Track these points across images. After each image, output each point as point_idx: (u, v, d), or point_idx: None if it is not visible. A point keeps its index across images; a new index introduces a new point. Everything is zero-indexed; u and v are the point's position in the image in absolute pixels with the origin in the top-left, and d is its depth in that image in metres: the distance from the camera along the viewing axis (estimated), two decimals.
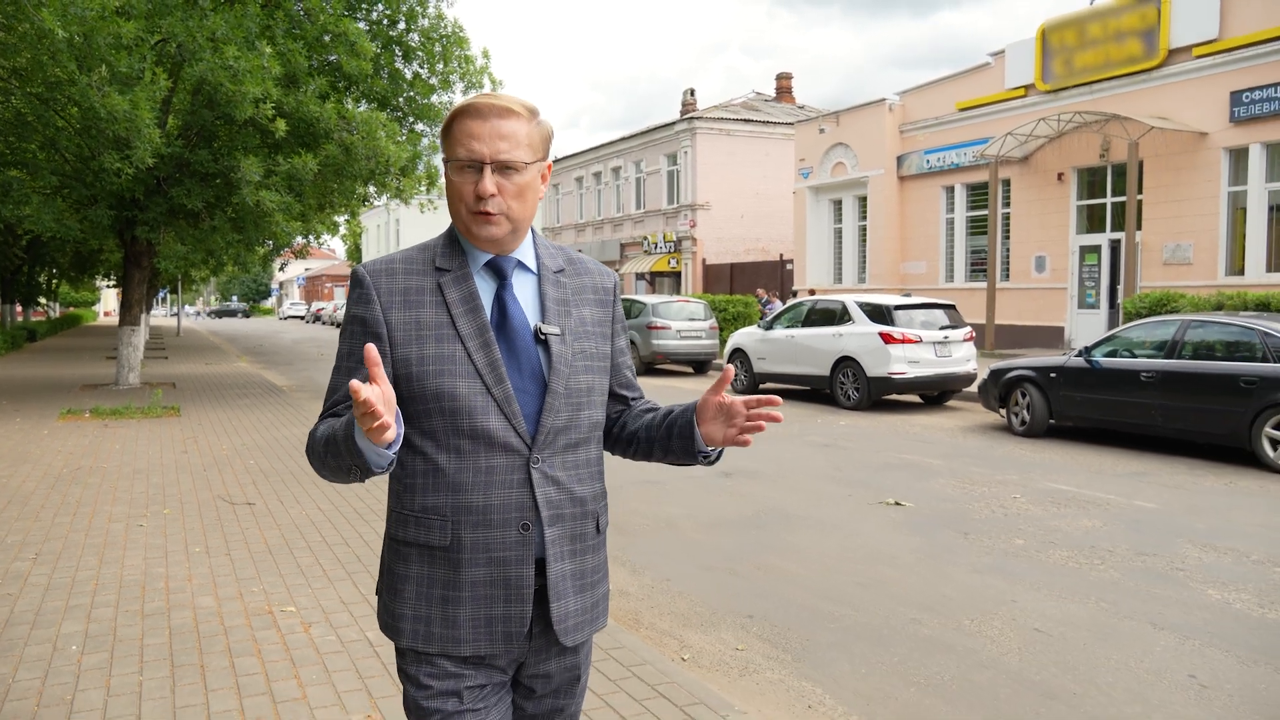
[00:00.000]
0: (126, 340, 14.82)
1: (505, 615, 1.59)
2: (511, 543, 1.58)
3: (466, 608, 1.58)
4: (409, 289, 1.61)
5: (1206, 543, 5.88)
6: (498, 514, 1.57)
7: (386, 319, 1.59)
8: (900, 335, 12.33)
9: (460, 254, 1.65)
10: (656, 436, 1.74)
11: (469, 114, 1.58)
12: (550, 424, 1.60)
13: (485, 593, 1.58)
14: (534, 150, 1.61)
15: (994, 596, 4.89)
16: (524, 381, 1.60)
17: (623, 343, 1.82)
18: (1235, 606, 4.71)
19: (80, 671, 3.58)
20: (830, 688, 3.78)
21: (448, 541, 1.58)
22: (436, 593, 1.59)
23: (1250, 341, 8.53)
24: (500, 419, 1.57)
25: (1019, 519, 6.55)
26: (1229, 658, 4.04)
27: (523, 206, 1.61)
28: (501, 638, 1.59)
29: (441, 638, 1.59)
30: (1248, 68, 16.35)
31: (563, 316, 1.66)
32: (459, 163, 1.58)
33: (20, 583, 4.69)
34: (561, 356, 1.63)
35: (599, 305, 1.74)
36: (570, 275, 1.72)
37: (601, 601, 1.74)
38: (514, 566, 1.58)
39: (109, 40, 10.39)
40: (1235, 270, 16.89)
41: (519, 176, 1.59)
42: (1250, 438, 8.31)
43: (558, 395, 1.61)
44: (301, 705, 3.29)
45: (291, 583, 4.74)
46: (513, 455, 1.58)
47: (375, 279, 1.62)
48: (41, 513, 6.21)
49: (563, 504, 1.62)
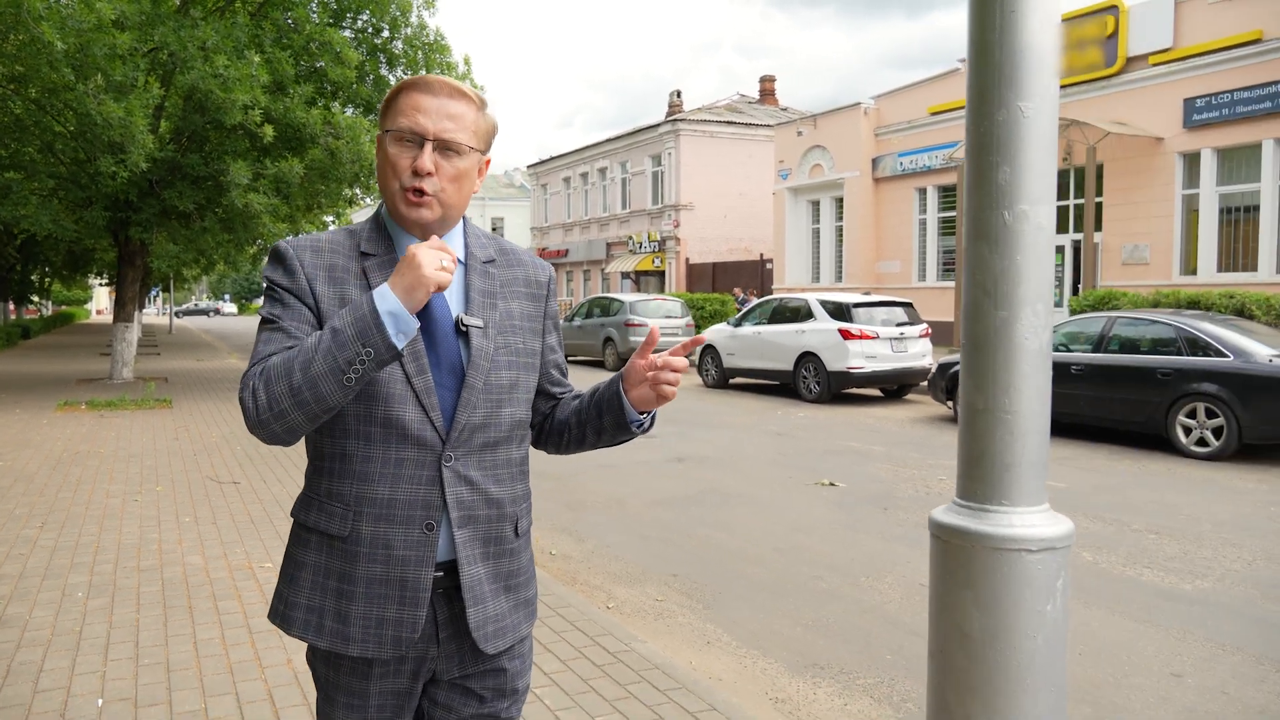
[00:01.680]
0: (120, 336, 15.39)
1: (398, 618, 1.51)
2: (413, 541, 1.51)
3: (359, 604, 1.51)
4: (334, 266, 1.55)
5: (1097, 515, 6.53)
6: (402, 510, 1.50)
7: (313, 289, 1.52)
8: (858, 331, 12.98)
9: (386, 239, 1.58)
10: (587, 419, 1.68)
11: (419, 88, 1.53)
12: (466, 420, 1.53)
13: (380, 591, 1.51)
14: (478, 138, 1.56)
15: (892, 559, 5.53)
16: (442, 375, 1.53)
17: (554, 339, 1.74)
18: (1101, 565, 5.36)
19: (86, 611, 4.20)
20: (729, 628, 4.42)
21: (346, 532, 1.51)
22: (332, 584, 1.53)
23: (1168, 337, 9.21)
24: (417, 410, 1.50)
25: (939, 498, 7.19)
26: (1078, 604, 4.68)
27: (457, 192, 1.55)
28: (390, 642, 1.51)
29: (332, 632, 1.52)
30: (1199, 76, 17.05)
31: (487, 309, 1.59)
32: (399, 133, 1.51)
33: (30, 545, 5.30)
34: (482, 350, 1.56)
35: (530, 299, 1.67)
36: (501, 266, 1.65)
37: (525, 606, 1.66)
38: (413, 567, 1.51)
39: (105, 50, 10.98)
40: (1189, 270, 17.60)
41: (459, 160, 1.53)
42: (1166, 425, 8.98)
43: (475, 390, 1.54)
44: (273, 635, 3.91)
45: (269, 545, 5.36)
46: (424, 450, 1.51)
47: (299, 253, 1.55)
48: (45, 489, 6.83)
49: (475, 505, 1.55)
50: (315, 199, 16.15)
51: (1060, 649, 1.52)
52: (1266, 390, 8.29)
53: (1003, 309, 1.41)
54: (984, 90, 1.43)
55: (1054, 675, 1.48)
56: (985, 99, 1.43)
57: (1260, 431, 8.36)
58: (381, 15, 14.62)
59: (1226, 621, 4.44)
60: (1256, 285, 15.68)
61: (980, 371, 1.52)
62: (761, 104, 37.63)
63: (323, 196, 15.89)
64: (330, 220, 21.86)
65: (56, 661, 3.62)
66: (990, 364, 1.48)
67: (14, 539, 5.44)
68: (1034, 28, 1.38)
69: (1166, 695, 3.64)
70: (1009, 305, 1.40)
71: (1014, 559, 1.45)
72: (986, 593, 1.50)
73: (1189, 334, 9.01)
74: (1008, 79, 1.37)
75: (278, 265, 1.55)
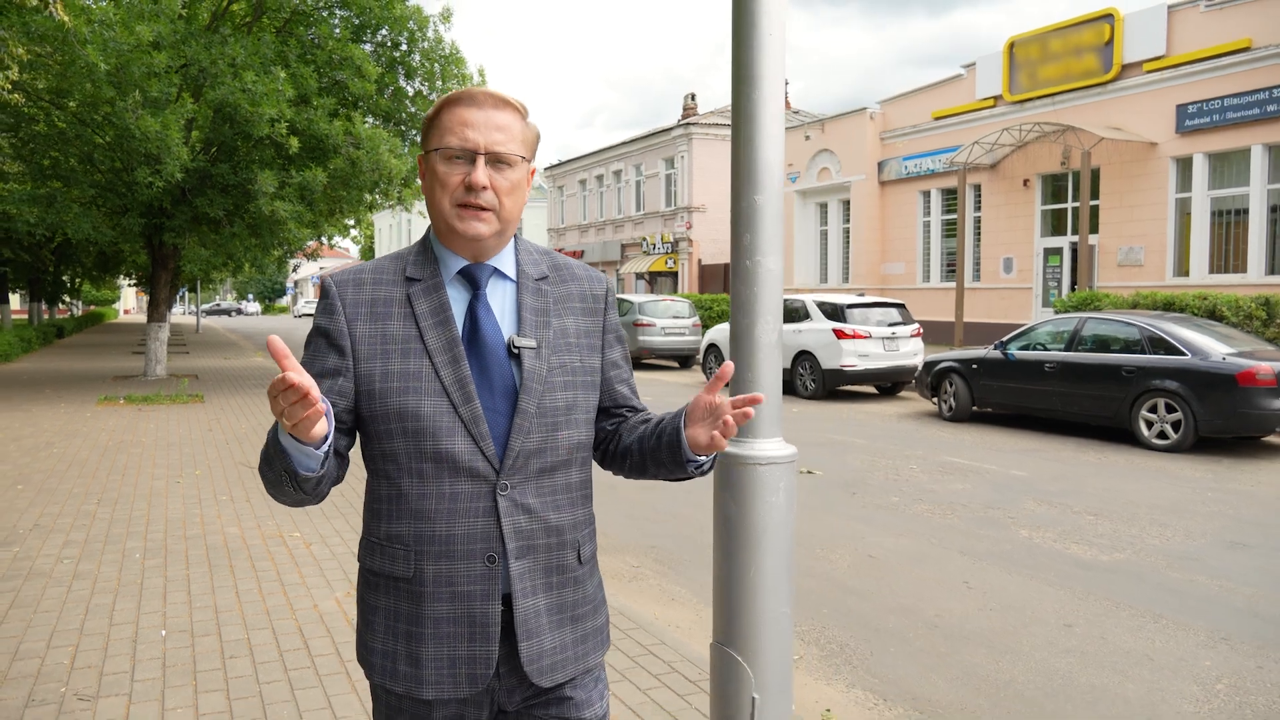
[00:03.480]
0: (154, 335, 16.28)
1: (470, 656, 1.48)
2: (476, 576, 1.48)
3: (429, 646, 1.49)
4: (376, 300, 1.52)
5: (1047, 500, 7.17)
6: (461, 544, 1.47)
7: (351, 331, 1.51)
8: (851, 331, 13.63)
9: (433, 262, 1.55)
10: (648, 448, 1.60)
11: (464, 102, 1.49)
12: (520, 446, 1.49)
13: (449, 630, 1.48)
14: (526, 147, 1.53)
15: (849, 534, 6.20)
16: (495, 400, 1.49)
17: (617, 354, 1.68)
18: (1035, 541, 6.00)
19: (144, 569, 4.95)
20: (691, 588, 5.11)
21: (410, 573, 1.49)
22: (402, 628, 1.51)
23: (1133, 337, 9.80)
24: (467, 441, 1.47)
25: (904, 483, 7.85)
26: (1003, 572, 5.34)
27: (514, 204, 1.52)
28: (466, 680, 1.49)
29: (406, 676, 1.50)
30: (1192, 82, 17.53)
31: (540, 328, 1.54)
32: (449, 151, 1.48)
33: (90, 518, 6.08)
34: (534, 372, 1.51)
35: (586, 314, 1.62)
36: (554, 283, 1.61)
37: (593, 636, 1.61)
38: (479, 602, 1.48)
39: (143, 69, 11.81)
40: (1182, 272, 18.08)
41: (511, 172, 1.50)
42: (1130, 419, 9.58)
43: (528, 415, 1.49)
44: (301, 587, 4.64)
45: (297, 518, 6.11)
46: (478, 481, 1.47)
47: (341, 290, 1.54)
48: (97, 473, 7.62)
49: (535, 534, 1.51)
50: (337, 205, 16.99)
51: (785, 527, 2.30)
52: (1219, 386, 8.87)
53: (747, 318, 2.16)
54: (738, 188, 2.19)
55: (782, 542, 2.28)
56: (739, 192, 2.20)
57: (1213, 425, 8.94)
58: (399, 30, 15.41)
59: (1128, 585, 5.08)
60: (1246, 286, 16.16)
61: (739, 356, 2.28)
62: None
63: (344, 203, 16.71)
64: (350, 224, 22.78)
65: (125, 604, 4.37)
66: (743, 352, 2.24)
67: (76, 513, 6.22)
68: (768, 151, 2.14)
69: (1053, 640, 4.30)
70: (751, 316, 2.16)
71: (753, 469, 2.21)
72: (739, 490, 2.26)
73: (1152, 333, 9.60)
74: (751, 181, 2.14)
75: (321, 301, 1.58)
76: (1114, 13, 18.80)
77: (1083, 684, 3.82)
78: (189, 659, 3.74)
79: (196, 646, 3.88)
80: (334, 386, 1.50)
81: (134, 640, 3.92)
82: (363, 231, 39.44)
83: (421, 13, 15.19)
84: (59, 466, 7.89)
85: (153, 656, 3.76)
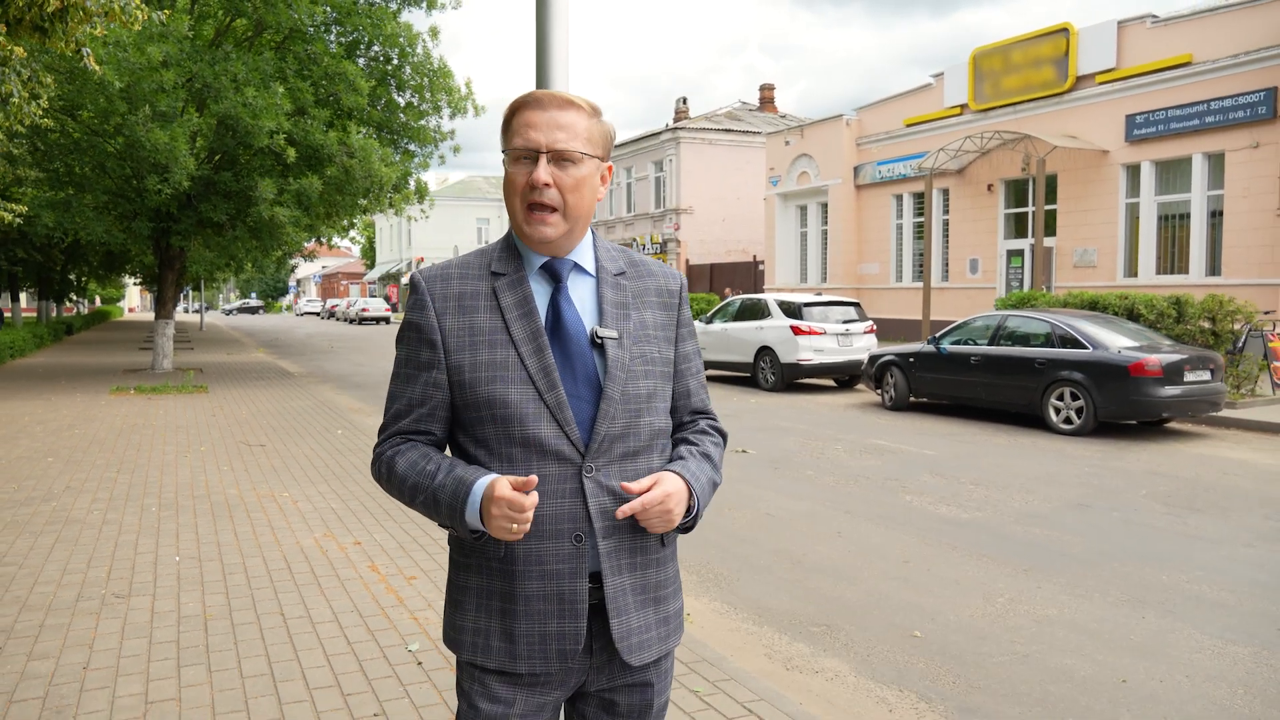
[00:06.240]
0: (161, 332, 17.38)
1: (560, 631, 1.55)
2: (565, 555, 1.55)
3: (522, 622, 1.56)
4: (464, 294, 1.60)
5: (941, 474, 8.22)
6: (550, 524, 1.54)
7: (440, 325, 1.58)
8: (807, 328, 14.69)
9: (516, 257, 1.63)
10: None
11: (529, 105, 1.57)
12: (605, 431, 1.56)
13: (540, 607, 1.55)
14: (593, 145, 1.59)
15: (755, 499, 7.26)
16: (578, 387, 1.57)
17: (689, 348, 1.75)
18: (913, 504, 7.06)
19: (160, 519, 6.04)
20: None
21: (502, 553, 1.56)
22: (495, 605, 1.58)
23: (1044, 332, 10.86)
24: (552, 426, 1.54)
25: (825, 460, 8.90)
26: (874, 526, 6.39)
27: (579, 201, 1.57)
28: (556, 655, 1.56)
29: (500, 651, 1.58)
30: (1140, 94, 18.58)
31: (621, 320, 1.62)
32: (515, 152, 1.56)
33: (112, 483, 7.17)
34: (618, 361, 1.59)
35: (662, 308, 1.70)
36: (631, 278, 1.69)
37: (673, 618, 1.69)
38: (568, 580, 1.55)
39: (153, 86, 12.90)
40: (1131, 273, 19.13)
41: (575, 169, 1.56)
42: (1041, 406, 10.64)
43: (613, 401, 1.57)
44: (287, 530, 5.73)
45: (286, 481, 7.20)
46: (565, 464, 1.55)
47: (430, 285, 1.61)
48: (115, 449, 8.71)
49: None
50: (333, 210, 18.08)
51: None
52: (1114, 376, 9.93)
53: None
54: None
55: None
56: None
57: (1110, 410, 10.00)
58: (391, 46, 16.49)
59: (972, 535, 6.14)
60: (1188, 286, 17.16)
61: None
62: (761, 111, 39.29)
63: (339, 208, 17.80)
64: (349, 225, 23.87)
65: (146, 542, 5.46)
66: None
67: (99, 479, 7.31)
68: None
69: (889, 571, 5.36)
70: None
71: None
72: None
73: (1060, 330, 10.66)
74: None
75: (412, 297, 1.64)
76: (1069, 27, 19.84)
77: (899, 600, 4.89)
78: (198, 574, 4.82)
79: (204, 567, 4.96)
80: (429, 379, 1.60)
81: (154, 563, 5.01)
82: (362, 232, 40.65)
83: (411, 30, 16.27)
84: (81, 444, 8.98)
85: (169, 573, 4.84)
